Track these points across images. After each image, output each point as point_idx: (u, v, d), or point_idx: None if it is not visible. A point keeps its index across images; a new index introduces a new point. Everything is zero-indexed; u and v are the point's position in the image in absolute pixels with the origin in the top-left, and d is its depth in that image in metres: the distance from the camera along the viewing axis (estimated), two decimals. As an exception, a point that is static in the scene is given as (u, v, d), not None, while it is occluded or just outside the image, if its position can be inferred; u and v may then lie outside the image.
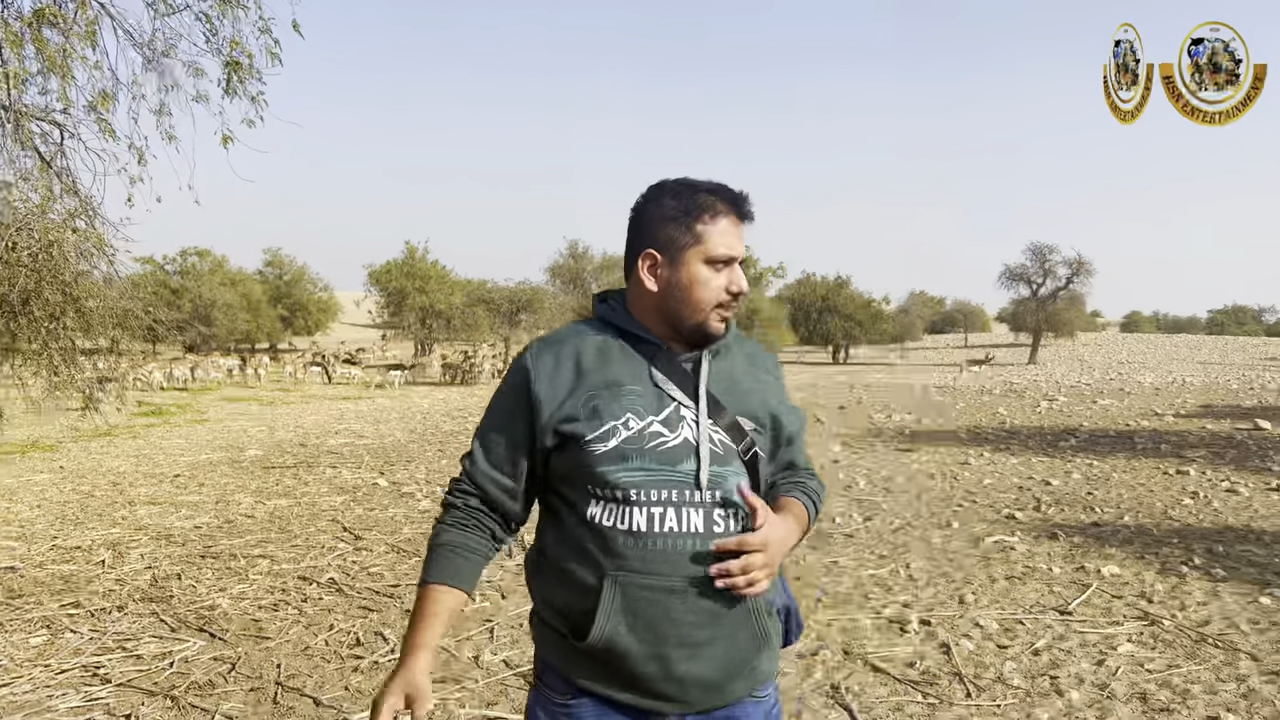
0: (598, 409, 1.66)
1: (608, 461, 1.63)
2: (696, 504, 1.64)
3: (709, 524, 1.64)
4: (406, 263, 48.99)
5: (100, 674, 4.51)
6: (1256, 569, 6.30)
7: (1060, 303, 49.81)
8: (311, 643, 4.96)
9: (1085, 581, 6.03)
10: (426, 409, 19.81)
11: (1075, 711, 4.07)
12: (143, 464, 11.46)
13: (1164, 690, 4.28)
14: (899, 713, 4.09)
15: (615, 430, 1.64)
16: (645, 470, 1.63)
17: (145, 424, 16.09)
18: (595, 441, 1.64)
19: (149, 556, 6.75)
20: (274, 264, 60.61)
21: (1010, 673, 4.51)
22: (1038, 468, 10.91)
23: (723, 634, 1.65)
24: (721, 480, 1.66)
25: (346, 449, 12.99)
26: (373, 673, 4.53)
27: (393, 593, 5.84)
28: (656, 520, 1.62)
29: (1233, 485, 9.43)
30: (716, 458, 1.67)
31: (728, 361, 1.79)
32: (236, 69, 4.65)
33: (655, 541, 1.62)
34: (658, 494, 1.63)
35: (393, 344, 54.20)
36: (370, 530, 7.63)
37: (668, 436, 1.65)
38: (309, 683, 4.42)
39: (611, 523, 1.63)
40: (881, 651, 4.81)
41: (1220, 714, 4.00)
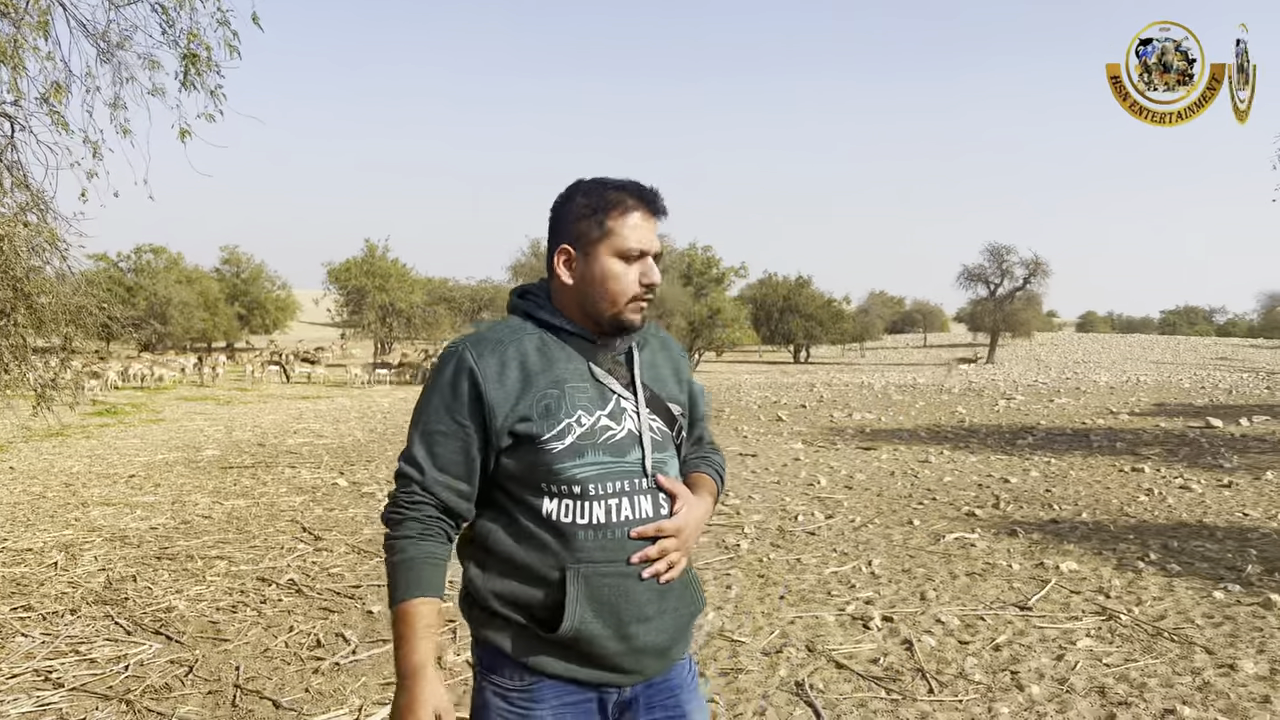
0: (549, 408, 1.70)
1: (565, 458, 1.68)
2: (645, 490, 1.74)
3: (656, 507, 1.75)
4: (366, 261, 48.49)
5: (52, 678, 4.41)
6: (1209, 564, 6.42)
7: (1017, 303, 50.53)
8: (271, 644, 4.88)
9: (1044, 578, 6.11)
10: (386, 408, 19.64)
11: (1036, 705, 4.11)
12: (96, 464, 11.24)
13: (1122, 684, 4.34)
14: (863, 709, 4.11)
15: (570, 428, 1.69)
16: (599, 464, 1.70)
17: (99, 424, 15.79)
18: (551, 440, 1.68)
19: (103, 558, 6.62)
20: (231, 261, 59.79)
21: (972, 668, 4.55)
22: (996, 466, 11.04)
23: (670, 605, 1.77)
24: (663, 465, 1.79)
25: (305, 449, 12.84)
26: (333, 674, 4.47)
27: (353, 593, 5.77)
28: (613, 510, 1.70)
29: (1186, 482, 9.60)
30: (657, 444, 1.79)
31: (649, 352, 1.89)
32: (194, 62, 4.57)
33: (614, 531, 1.70)
34: (612, 485, 1.71)
35: (352, 342, 53.64)
36: (330, 531, 7.54)
37: (615, 429, 1.74)
38: (269, 685, 4.35)
39: (570, 518, 1.69)
40: (845, 648, 4.83)
41: (1176, 707, 4.06)
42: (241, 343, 56.91)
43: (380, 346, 48.10)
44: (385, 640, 4.93)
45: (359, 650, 4.78)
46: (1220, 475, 10.02)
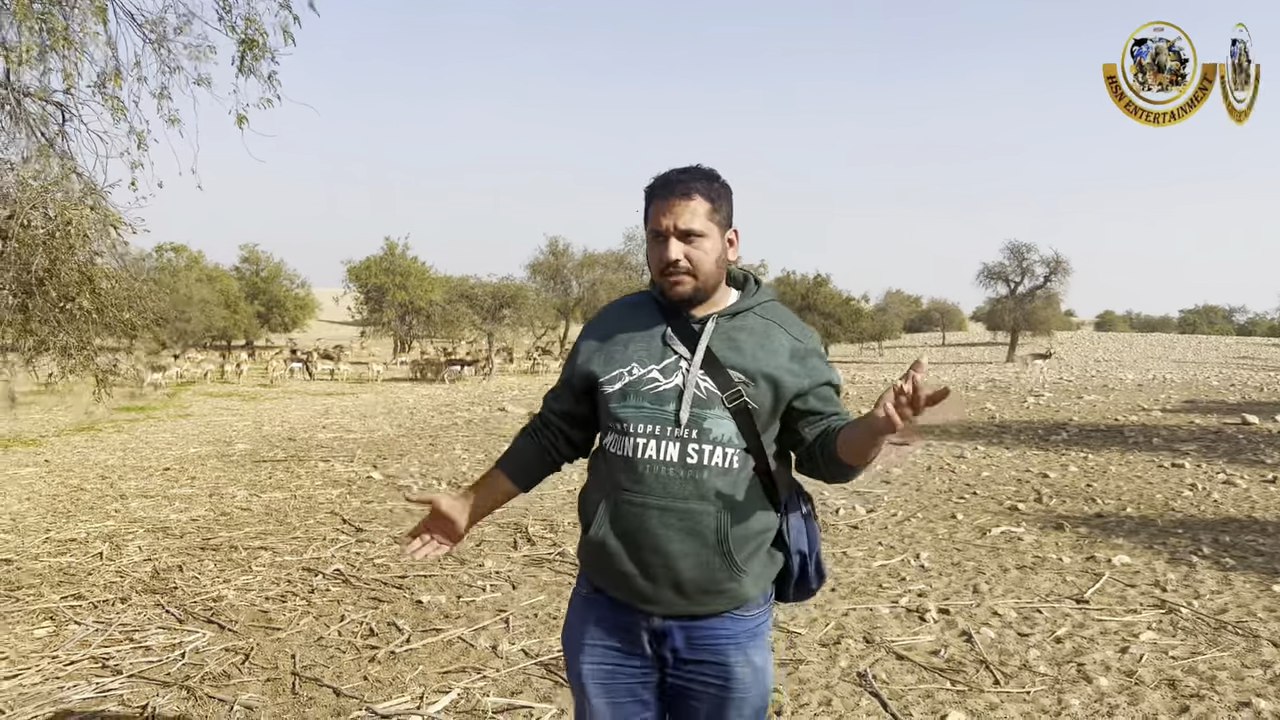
0: (612, 358, 2.05)
1: (614, 400, 2.01)
2: (675, 438, 1.95)
3: (683, 455, 1.95)
4: (386, 259, 48.61)
5: (110, 665, 4.40)
6: (1264, 558, 6.32)
7: (1037, 301, 50.21)
8: (324, 633, 4.86)
9: (1097, 571, 6.03)
10: (412, 404, 19.65)
11: (1106, 698, 4.04)
12: (130, 458, 11.28)
13: (1191, 677, 4.26)
14: (929, 700, 4.05)
15: (621, 375, 2.02)
16: (638, 408, 1.98)
17: (129, 419, 15.86)
18: (606, 384, 2.03)
19: (147, 549, 6.62)
20: (250, 260, 60.01)
21: (1035, 660, 4.48)
22: (1033, 461, 10.93)
23: (690, 550, 1.94)
24: (700, 420, 1.95)
25: (336, 443, 12.84)
26: (390, 662, 4.44)
27: (400, 584, 5.75)
28: (641, 449, 1.96)
29: (1229, 478, 9.47)
30: (699, 401, 1.96)
31: (738, 324, 2.05)
32: (252, 47, 4.54)
33: (639, 466, 1.96)
34: (645, 427, 1.97)
35: (372, 341, 53.80)
36: (370, 522, 7.52)
37: (661, 382, 1.99)
38: (326, 673, 4.32)
39: (615, 450, 2.01)
40: (903, 640, 4.77)
41: (1251, 699, 3.98)
42: (261, 341, 57.11)
43: (400, 344, 48.20)
44: (438, 629, 4.90)
45: (413, 639, 4.75)
46: (1264, 471, 9.89)
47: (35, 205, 3.70)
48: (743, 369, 1.98)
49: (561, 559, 6.30)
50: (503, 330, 37.05)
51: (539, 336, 46.30)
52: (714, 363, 1.99)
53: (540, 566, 6.14)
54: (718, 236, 2.02)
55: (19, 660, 4.44)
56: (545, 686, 4.17)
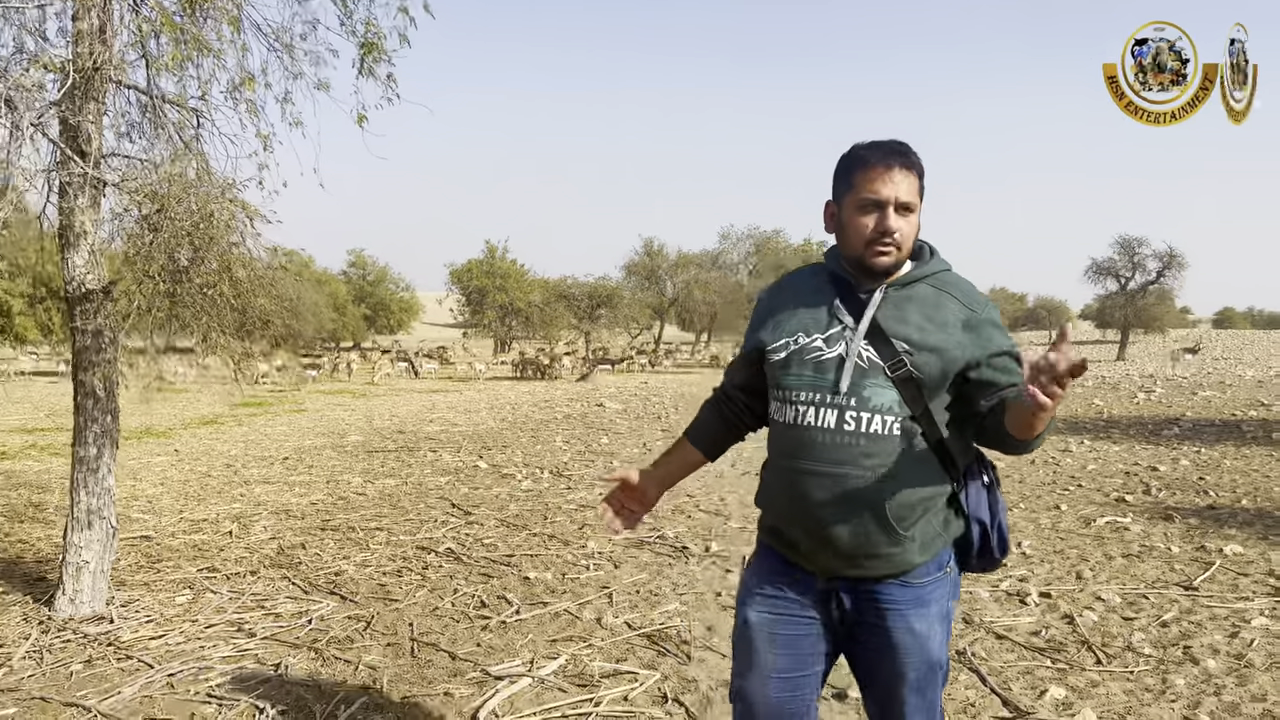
0: (780, 327, 2.12)
1: (779, 368, 2.08)
2: (833, 405, 1.99)
3: (840, 422, 1.98)
4: (486, 262, 49.68)
5: (245, 629, 4.73)
6: (1389, 550, 6.09)
7: (1150, 298, 48.36)
8: (439, 605, 5.12)
9: (1207, 560, 5.91)
10: (514, 401, 20.11)
11: (1213, 678, 4.01)
12: (251, 449, 11.87)
13: (1304, 661, 4.18)
14: (1029, 676, 4.07)
15: (787, 344, 2.08)
16: (801, 375, 2.04)
17: (248, 413, 16.64)
18: (773, 352, 2.10)
19: (272, 529, 7.02)
20: (357, 264, 61.99)
21: (1140, 642, 4.45)
22: (1142, 455, 10.65)
23: (849, 516, 1.98)
24: (859, 389, 1.98)
25: (443, 435, 13.28)
26: (501, 631, 4.67)
27: (508, 561, 5.99)
28: (801, 415, 2.02)
29: (1353, 471, 9.10)
30: (860, 371, 1.99)
31: (907, 294, 2.05)
32: (371, 50, 4.83)
33: (799, 432, 2.02)
34: (806, 395, 2.02)
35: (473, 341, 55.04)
36: (478, 507, 7.81)
37: (825, 351, 2.03)
38: (442, 639, 4.57)
39: (780, 417, 2.09)
40: (1003, 621, 4.79)
41: (1367, 683, 3.90)
42: (368, 342, 58.95)
43: (500, 345, 49.20)
44: (545, 603, 5.11)
45: (522, 611, 4.97)
46: (1391, 465, 9.46)
47: (180, 200, 4.03)
48: (907, 339, 1.99)
49: (660, 541, 6.46)
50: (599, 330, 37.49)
51: (634, 336, 46.69)
52: (878, 333, 2.00)
53: (641, 548, 6.31)
54: (918, 213, 2.04)
55: (164, 623, 4.81)
56: (649, 655, 4.33)
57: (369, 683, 4.04)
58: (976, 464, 2.15)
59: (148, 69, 5.20)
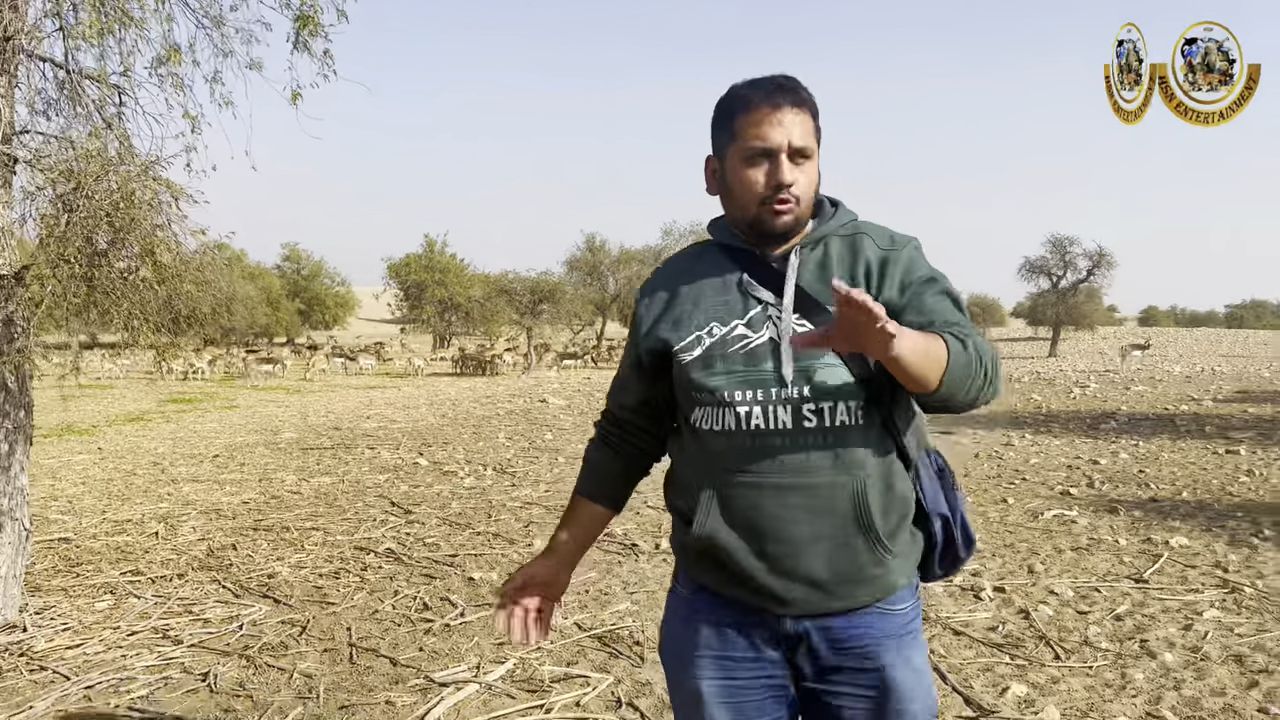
0: (682, 322, 1.71)
1: (698, 368, 1.66)
2: (784, 400, 1.61)
3: (798, 420, 1.61)
4: (425, 256, 49.03)
5: (170, 636, 4.46)
6: (1329, 541, 6.17)
7: (1080, 296, 49.45)
8: (379, 608, 4.90)
9: (1155, 552, 5.92)
10: (454, 397, 19.78)
11: (1172, 672, 3.97)
12: (180, 446, 11.45)
13: (1259, 653, 4.17)
14: (989, 673, 4.00)
15: (700, 339, 1.68)
16: (729, 371, 1.64)
17: (176, 410, 16.11)
18: (682, 351, 1.69)
19: (201, 529, 6.71)
20: (292, 258, 60.79)
21: (1096, 636, 4.41)
22: (1082, 448, 10.77)
23: (824, 532, 1.60)
24: (809, 374, 1.60)
25: (381, 432, 12.95)
26: (445, 635, 4.46)
27: (452, 562, 5.77)
28: (744, 419, 1.62)
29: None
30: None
31: (821, 252, 1.70)
32: (306, 23, 4.58)
33: (746, 440, 1.62)
34: (744, 393, 1.62)
35: (411, 337, 54.30)
36: (419, 505, 7.57)
37: (751, 337, 1.65)
38: (382, 644, 4.35)
39: (709, 425, 1.66)
40: (960, 616, 4.72)
41: (1323, 675, 3.89)
42: (302, 338, 57.84)
43: (439, 340, 48.57)
44: (491, 604, 4.91)
45: (467, 613, 4.77)
46: (1322, 457, 9.67)
47: (98, 179, 3.75)
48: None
49: (609, 539, 6.29)
50: (541, 326, 37.13)
51: (576, 332, 46.44)
52: (809, 302, 1.64)
53: (589, 546, 6.14)
54: (817, 159, 1.68)
55: (82, 630, 4.52)
56: (601, 658, 4.17)
57: (305, 691, 3.82)
58: (923, 450, 1.76)
59: (65, 41, 4.89)
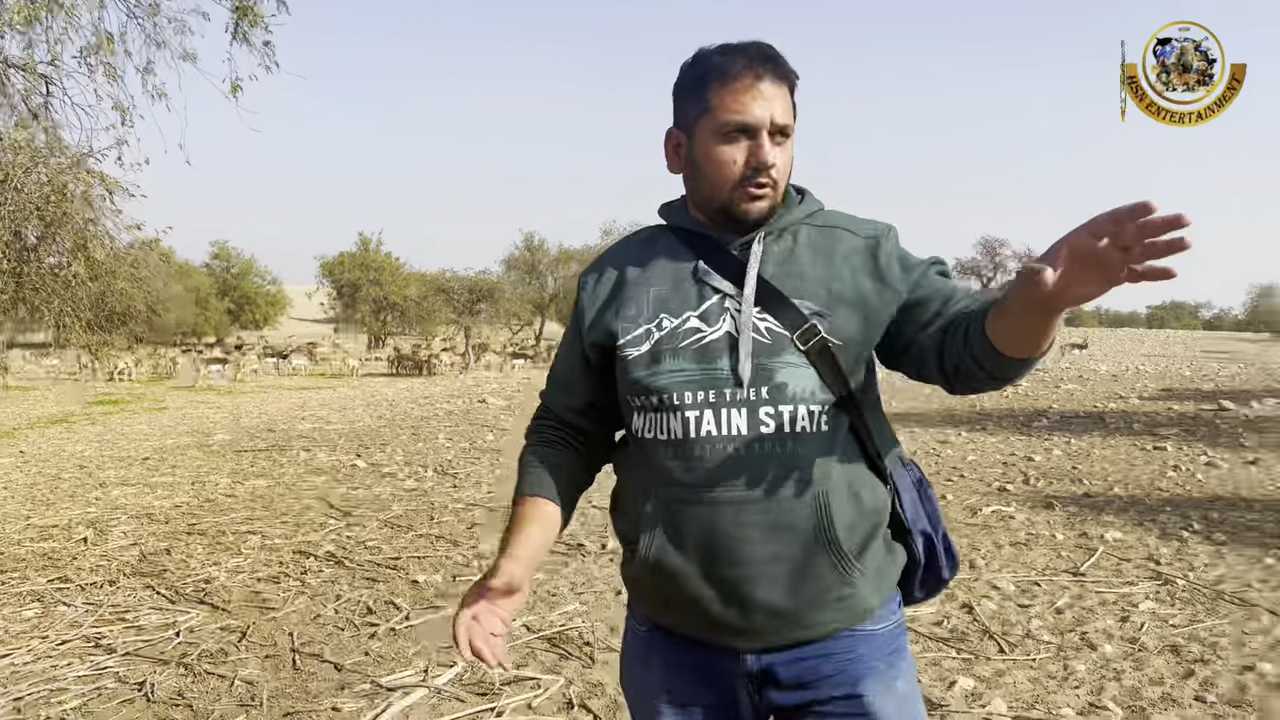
0: (629, 311, 1.52)
1: (640, 366, 1.48)
2: (739, 402, 1.42)
3: (754, 425, 1.41)
4: (360, 254, 48.31)
5: (103, 644, 4.31)
6: (1254, 533, 6.37)
7: (1011, 296, 50.47)
8: (321, 612, 4.79)
9: (1091, 546, 6.06)
10: (391, 398, 19.50)
11: (1112, 663, 4.05)
12: (107, 449, 11.10)
13: (1193, 643, 4.28)
14: (936, 668, 4.04)
15: (648, 333, 1.49)
16: (679, 370, 1.45)
17: (102, 412, 15.64)
18: (628, 346, 1.50)
19: (132, 534, 6.51)
20: (221, 256, 59.47)
21: (1038, 629, 4.49)
22: (1017, 445, 10.99)
23: (784, 552, 1.41)
24: (769, 373, 1.43)
25: (317, 433, 12.71)
26: (391, 639, 4.38)
27: (394, 565, 5.68)
28: (693, 425, 1.43)
29: (1211, 459, 9.57)
30: (763, 348, 1.43)
31: (789, 242, 1.53)
32: (245, 14, 4.46)
33: (694, 448, 1.43)
34: (693, 395, 1.43)
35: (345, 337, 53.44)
36: (358, 508, 7.44)
37: (705, 331, 1.46)
38: (326, 649, 4.25)
39: (652, 434, 1.47)
40: (905, 611, 4.76)
41: (1255, 663, 4.01)
42: (233, 338, 56.63)
43: (374, 340, 47.89)
44: (437, 607, 4.84)
45: (412, 616, 4.69)
46: (1244, 453, 10.00)
47: (27, 171, 3.61)
48: (812, 295, 1.47)
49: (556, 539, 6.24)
50: (479, 325, 36.87)
51: (515, 332, 46.20)
52: (772, 294, 1.47)
53: (535, 547, 6.08)
54: (793, 138, 1.52)
55: (9, 640, 4.34)
56: (551, 659, 4.13)
57: (247, 699, 3.71)
58: (898, 458, 1.59)
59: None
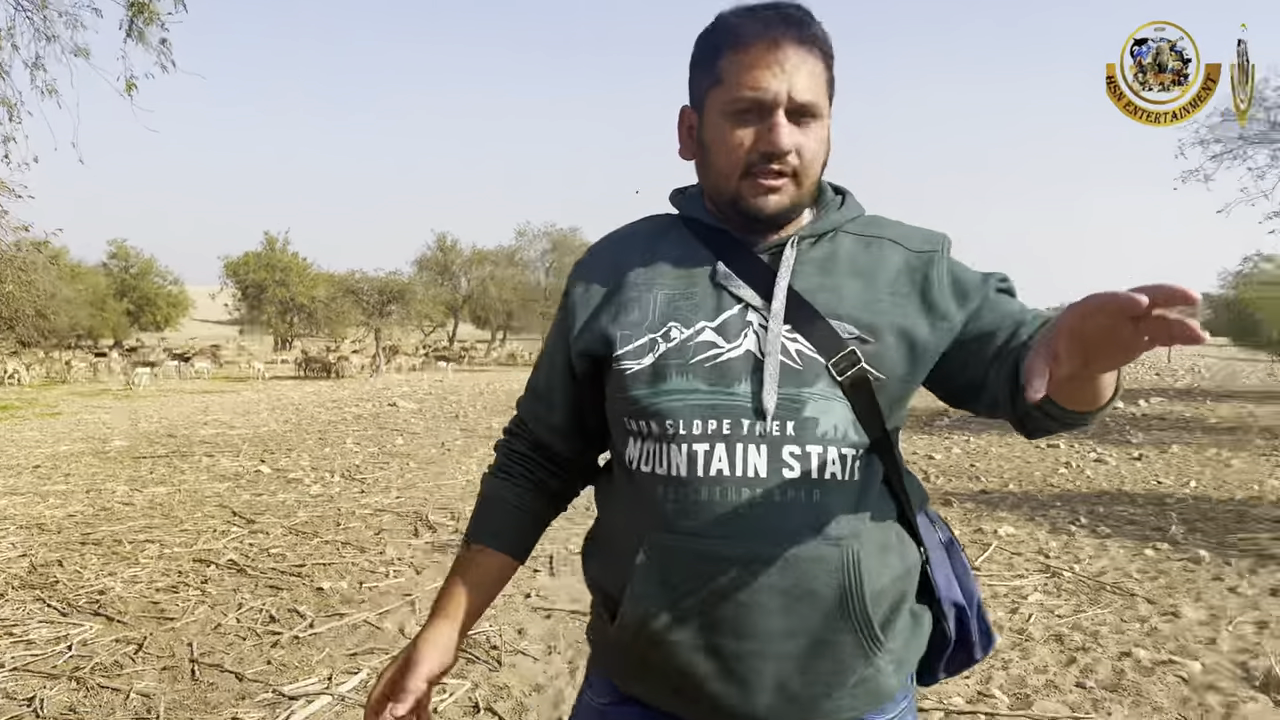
0: (630, 315, 1.26)
1: (640, 383, 1.21)
2: (758, 438, 1.17)
3: (775, 466, 1.16)
4: (266, 254, 47.17)
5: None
6: (1135, 526, 6.71)
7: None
8: (221, 622, 4.69)
9: (985, 541, 6.30)
10: (298, 401, 19.11)
11: (1000, 654, 4.23)
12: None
13: (1076, 632, 4.49)
14: (836, 662, 4.16)
15: (653, 344, 1.22)
16: (688, 393, 1.19)
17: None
18: (626, 358, 1.23)
19: (21, 544, 6.27)
20: (119, 256, 57.41)
21: (933, 622, 4.65)
22: (918, 444, 11.33)
23: (807, 625, 1.17)
24: (797, 406, 1.17)
25: (220, 439, 12.39)
26: (294, 647, 4.32)
27: (299, 572, 5.59)
28: (700, 461, 1.17)
29: (1100, 456, 10.02)
30: (792, 375, 1.19)
31: (827, 252, 1.28)
32: (141, 11, 4.35)
33: (700, 490, 1.17)
34: (703, 425, 1.17)
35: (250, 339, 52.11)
36: (263, 514, 7.29)
37: (723, 347, 1.20)
38: (227, 659, 4.18)
39: (649, 467, 1.21)
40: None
41: (1131, 649, 4.23)
42: (133, 340, 54.67)
43: (280, 343, 46.83)
44: (342, 614, 4.79)
45: (316, 624, 4.63)
46: (1130, 449, 10.50)
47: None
48: (851, 317, 1.22)
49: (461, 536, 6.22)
50: (390, 327, 36.31)
51: (428, 334, 45.67)
52: (805, 310, 1.22)
53: (444, 552, 6.06)
54: (828, 119, 1.25)
55: (-114, 658, 4.16)
56: (457, 663, 4.12)
57: (143, 712, 3.63)
58: (925, 514, 1.35)
59: None
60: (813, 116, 1.21)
